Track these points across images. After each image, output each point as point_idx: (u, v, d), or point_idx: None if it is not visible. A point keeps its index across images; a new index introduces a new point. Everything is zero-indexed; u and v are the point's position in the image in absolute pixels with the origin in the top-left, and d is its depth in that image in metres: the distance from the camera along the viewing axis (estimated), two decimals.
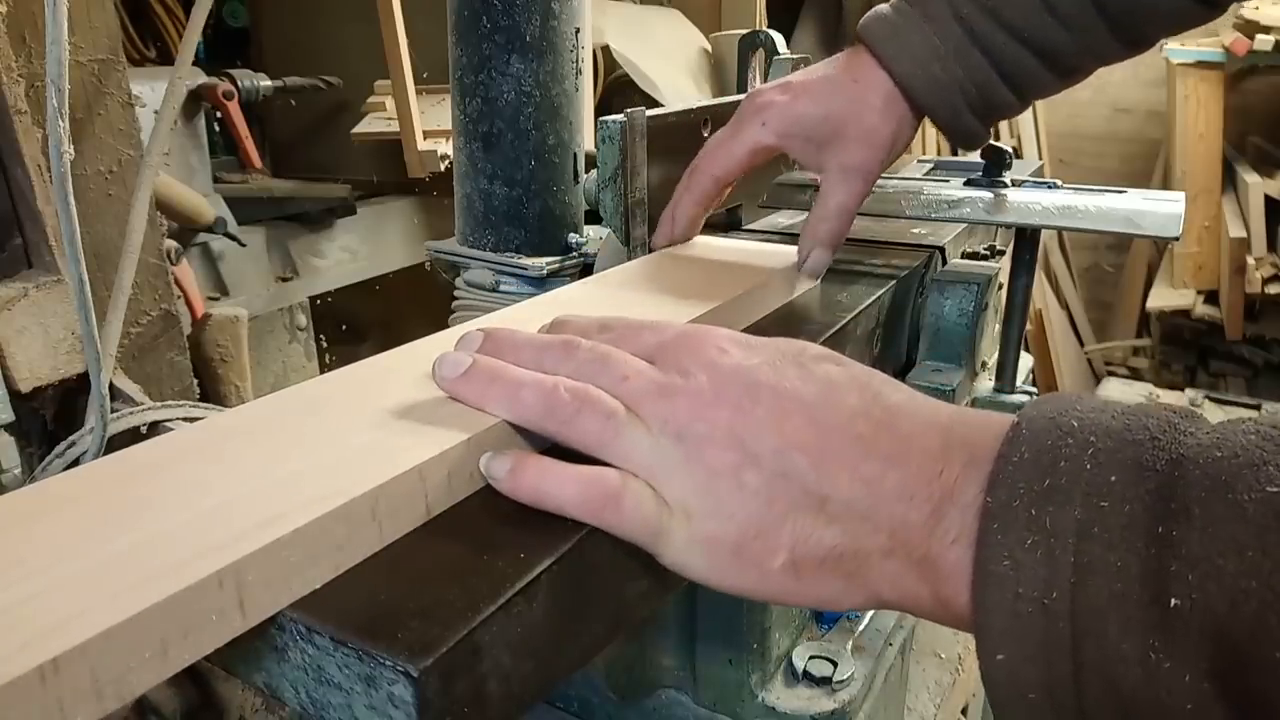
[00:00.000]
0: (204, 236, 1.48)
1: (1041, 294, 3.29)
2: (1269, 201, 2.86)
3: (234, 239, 1.47)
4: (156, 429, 0.84)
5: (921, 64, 0.60)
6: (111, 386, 0.88)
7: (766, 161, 0.65)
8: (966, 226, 0.83)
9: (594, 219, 0.77)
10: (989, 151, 0.75)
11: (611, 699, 0.64)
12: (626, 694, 0.63)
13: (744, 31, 0.92)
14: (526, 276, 0.77)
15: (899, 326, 0.72)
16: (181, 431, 0.39)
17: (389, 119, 1.72)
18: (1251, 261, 2.86)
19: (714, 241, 0.69)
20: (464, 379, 0.39)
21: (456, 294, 0.81)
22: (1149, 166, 3.39)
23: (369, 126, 1.74)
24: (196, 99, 1.49)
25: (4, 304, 0.82)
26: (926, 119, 0.64)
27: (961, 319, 0.71)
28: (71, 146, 0.61)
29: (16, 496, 0.33)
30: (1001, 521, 0.30)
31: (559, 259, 0.78)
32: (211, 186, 1.54)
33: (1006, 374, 0.75)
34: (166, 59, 1.87)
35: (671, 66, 2.02)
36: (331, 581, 0.31)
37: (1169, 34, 0.64)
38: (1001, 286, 0.77)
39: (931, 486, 0.33)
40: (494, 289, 0.78)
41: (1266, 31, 2.77)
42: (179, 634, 0.27)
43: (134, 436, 0.83)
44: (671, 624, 0.60)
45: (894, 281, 0.68)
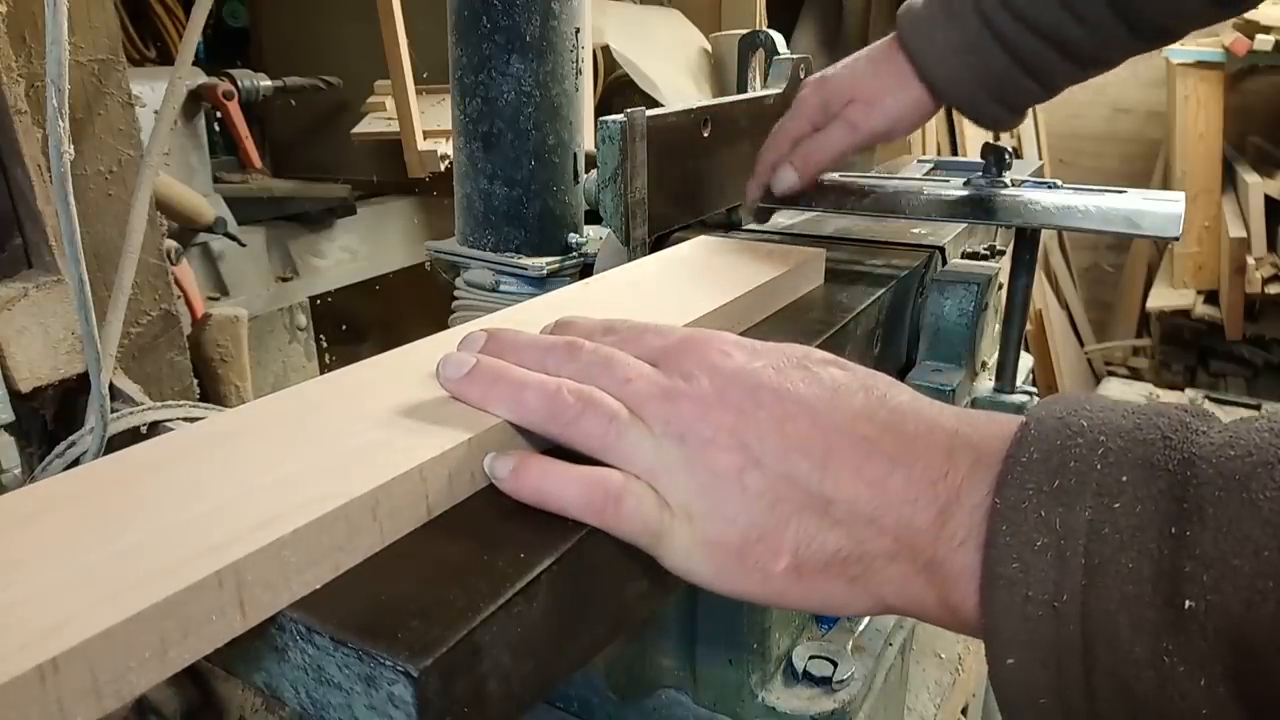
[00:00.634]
0: (204, 236, 1.47)
1: (1041, 294, 3.29)
2: (1269, 201, 2.85)
3: (234, 239, 1.47)
4: (156, 429, 0.84)
5: (941, 56, 0.66)
6: (111, 386, 0.88)
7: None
8: (966, 226, 0.83)
9: (594, 219, 0.77)
10: (989, 151, 0.75)
11: (611, 699, 0.64)
12: (626, 694, 0.63)
13: (744, 31, 0.92)
14: (526, 276, 0.77)
15: (899, 326, 0.72)
16: (181, 432, 0.39)
17: (389, 119, 1.72)
18: (1251, 261, 2.86)
19: (715, 242, 0.69)
20: (467, 379, 0.39)
21: (456, 294, 0.81)
22: (1149, 166, 3.39)
23: (369, 126, 1.74)
24: (196, 99, 1.49)
25: (4, 304, 0.82)
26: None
27: (961, 319, 0.71)
28: (71, 146, 0.61)
29: (16, 496, 0.33)
30: (1010, 523, 0.30)
31: (559, 259, 0.78)
32: (211, 186, 1.54)
33: (1006, 374, 0.75)
34: (166, 59, 1.87)
35: (671, 66, 2.02)
36: (331, 581, 0.31)
37: (1192, 28, 0.66)
38: (1001, 286, 0.77)
39: (937, 489, 0.32)
40: (494, 289, 0.78)
41: (1266, 31, 2.77)
42: (179, 634, 0.27)
43: (134, 436, 0.83)
44: (671, 624, 0.60)
45: (894, 281, 0.68)
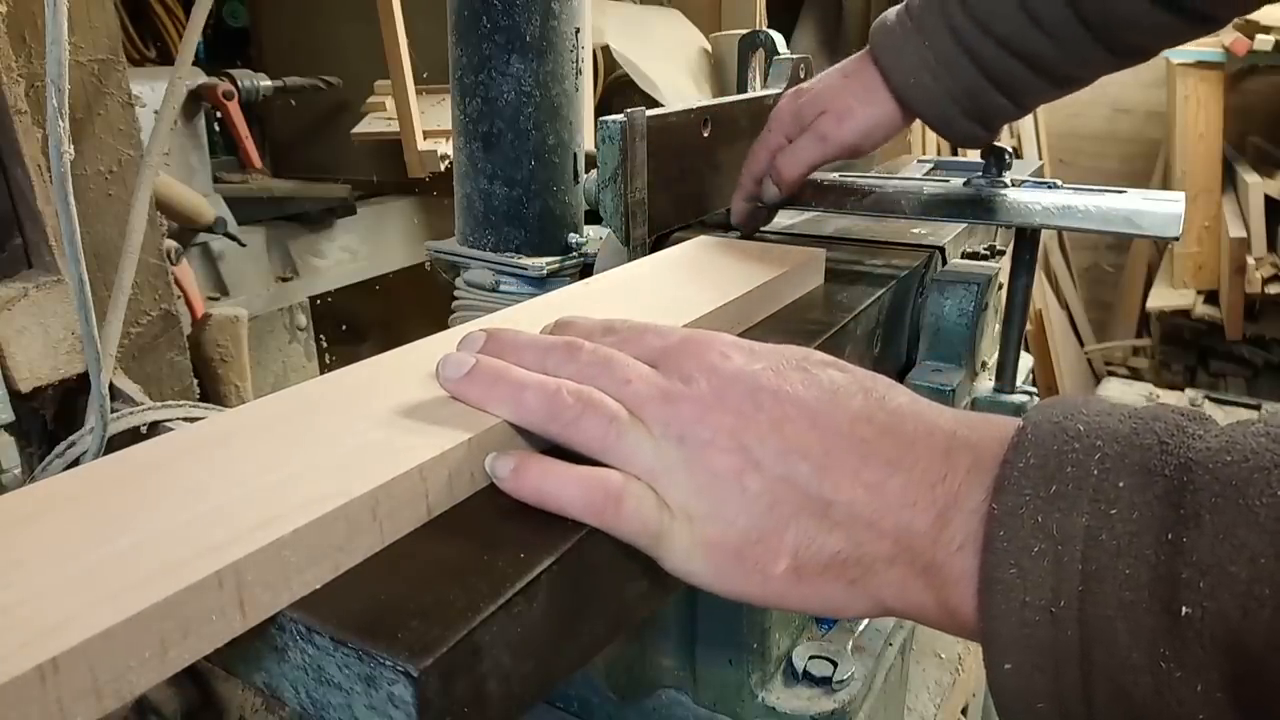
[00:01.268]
0: (204, 236, 1.47)
1: (1041, 294, 3.29)
2: (1269, 201, 2.85)
3: (234, 239, 1.47)
4: (156, 429, 0.84)
5: (913, 72, 0.65)
6: (111, 386, 0.88)
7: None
8: (966, 226, 0.83)
9: (594, 219, 0.77)
10: (989, 151, 0.75)
11: (611, 699, 0.64)
12: (626, 694, 0.63)
13: (744, 31, 0.92)
14: (526, 276, 0.77)
15: (899, 326, 0.72)
16: (181, 432, 0.39)
17: (389, 119, 1.72)
18: (1251, 261, 2.86)
19: (715, 242, 0.69)
20: (467, 380, 0.39)
21: (456, 294, 0.81)
22: (1149, 166, 3.39)
23: (369, 126, 1.74)
24: (196, 99, 1.49)
25: (4, 304, 0.82)
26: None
27: (961, 319, 0.71)
28: (71, 146, 0.61)
29: (16, 496, 0.33)
30: (1007, 528, 0.30)
31: (559, 259, 0.78)
32: (211, 186, 1.54)
33: (1006, 374, 0.75)
34: (166, 59, 1.87)
35: (671, 66, 2.02)
36: (331, 581, 0.31)
37: (1162, 46, 0.65)
38: (1001, 286, 0.77)
39: (935, 492, 0.32)
40: (494, 289, 0.78)
41: (1266, 31, 2.77)
42: (179, 634, 0.27)
43: (134, 436, 0.83)
44: (671, 624, 0.60)
45: (894, 281, 0.68)
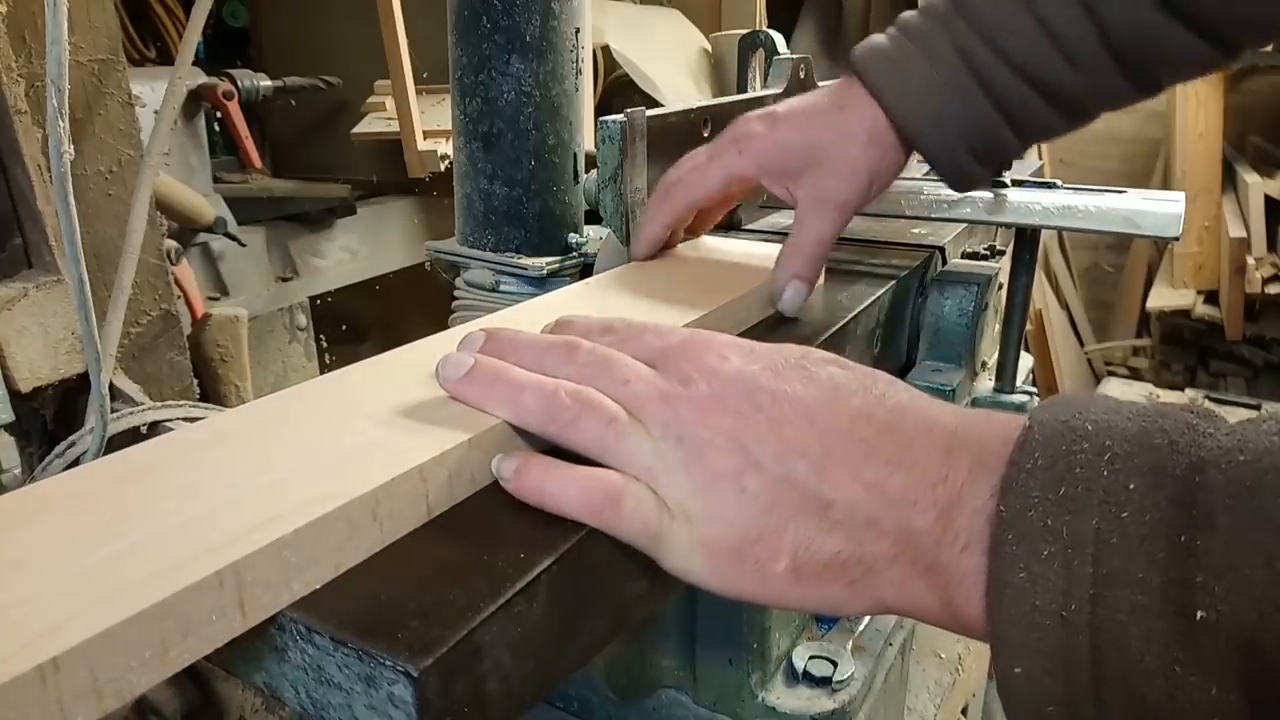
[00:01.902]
0: (204, 236, 1.47)
1: (1041, 294, 3.29)
2: (1269, 201, 2.85)
3: (234, 239, 1.47)
4: (156, 429, 0.84)
5: (918, 99, 0.57)
6: (111, 386, 0.88)
7: (744, 191, 0.63)
8: (966, 226, 0.83)
9: (594, 219, 0.77)
10: None
11: (611, 699, 0.64)
12: (626, 694, 0.63)
13: (744, 31, 0.92)
14: (526, 276, 0.77)
15: (899, 326, 0.72)
16: (180, 432, 0.39)
17: (389, 119, 1.71)
18: (1251, 261, 2.85)
19: (715, 242, 0.69)
20: (466, 380, 0.39)
21: (456, 294, 0.81)
22: (1149, 166, 3.39)
23: (369, 126, 1.74)
24: (196, 99, 1.49)
25: (4, 304, 0.82)
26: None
27: (961, 319, 0.71)
28: (71, 146, 0.61)
29: (15, 497, 0.33)
30: (1016, 531, 0.30)
31: (559, 259, 0.78)
32: (211, 186, 1.54)
33: (1006, 374, 0.75)
34: (166, 59, 1.87)
35: (671, 66, 2.02)
36: (331, 581, 0.31)
37: (1181, 79, 0.60)
38: (1001, 286, 0.77)
39: (936, 491, 0.32)
40: (494, 289, 0.78)
41: None
42: (179, 634, 0.27)
43: (134, 436, 0.83)
44: (671, 624, 0.60)
45: (894, 281, 0.68)
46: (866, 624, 0.65)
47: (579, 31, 0.76)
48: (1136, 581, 0.27)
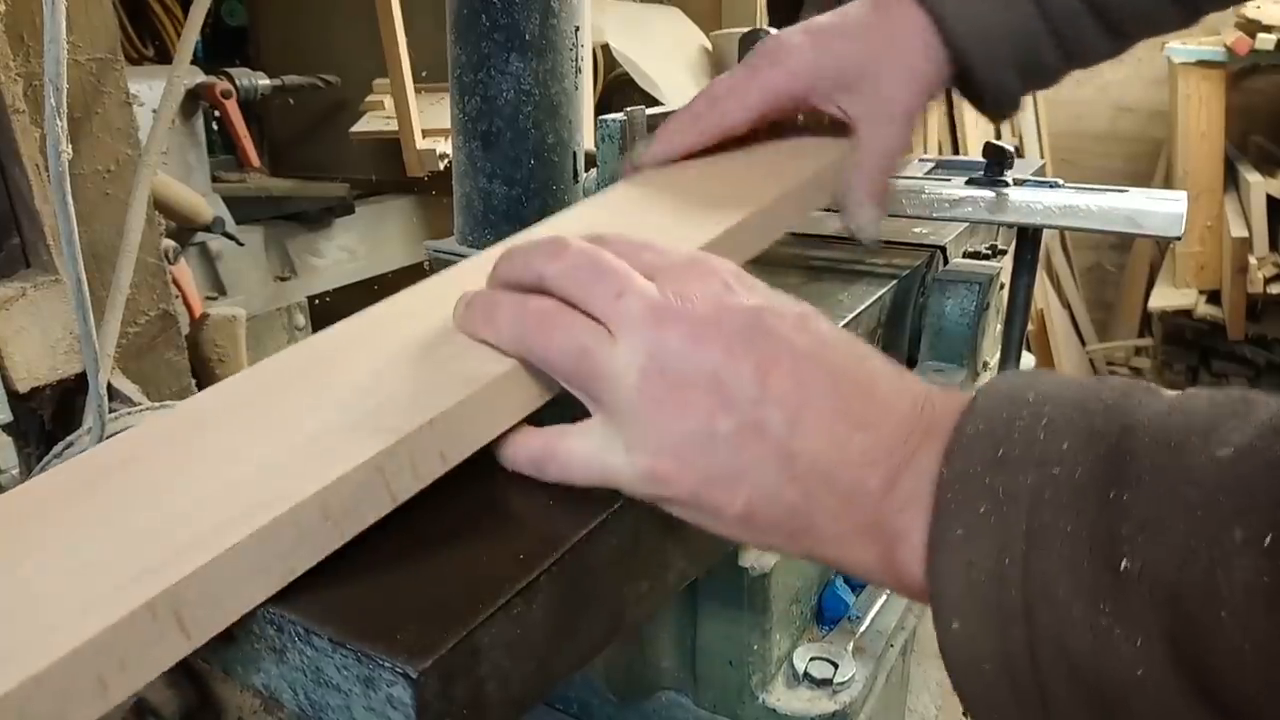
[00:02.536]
0: (202, 236, 1.47)
1: (1043, 294, 3.29)
2: (1271, 201, 2.85)
3: (232, 238, 1.47)
4: None
5: (966, 3, 0.53)
6: (109, 386, 0.88)
7: (782, 114, 0.58)
8: (968, 226, 0.83)
9: None
10: (990, 150, 0.75)
11: (611, 700, 0.63)
12: (626, 695, 0.63)
13: (744, 29, 0.92)
14: None
15: (900, 326, 0.72)
16: (131, 433, 0.37)
17: (388, 118, 1.71)
18: (1253, 261, 2.85)
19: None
20: (464, 313, 0.39)
21: None
22: (1151, 166, 3.38)
23: (368, 125, 1.74)
24: (195, 98, 1.49)
25: (2, 304, 0.82)
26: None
27: (963, 319, 0.71)
28: (69, 146, 0.60)
29: None
30: (954, 491, 0.30)
31: None
32: (209, 186, 1.53)
33: None
34: (165, 58, 1.87)
35: (672, 65, 2.02)
36: (329, 583, 0.31)
37: (1223, 7, 0.59)
38: (1003, 286, 0.77)
39: (893, 456, 0.33)
40: None
41: (1268, 30, 2.76)
42: (116, 668, 0.26)
43: None
44: (671, 625, 0.60)
45: (895, 281, 0.67)
46: (868, 625, 0.65)
47: (578, 30, 0.76)
48: (1066, 535, 0.28)
